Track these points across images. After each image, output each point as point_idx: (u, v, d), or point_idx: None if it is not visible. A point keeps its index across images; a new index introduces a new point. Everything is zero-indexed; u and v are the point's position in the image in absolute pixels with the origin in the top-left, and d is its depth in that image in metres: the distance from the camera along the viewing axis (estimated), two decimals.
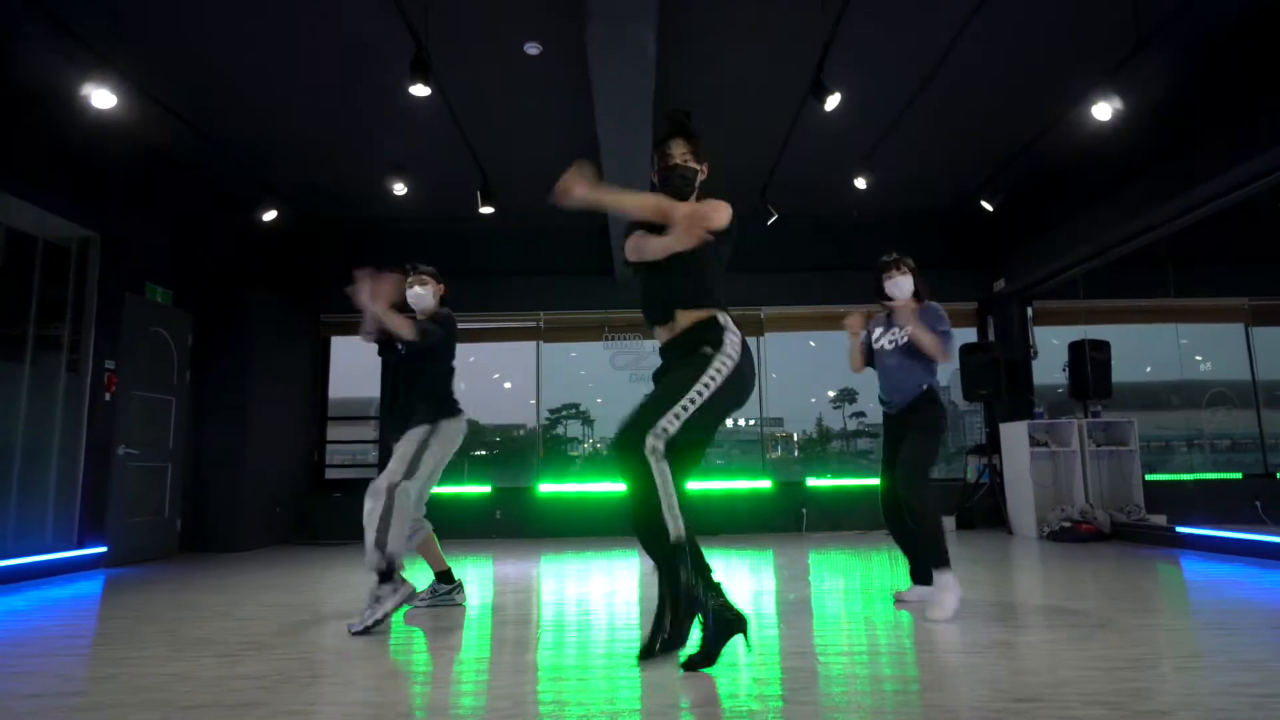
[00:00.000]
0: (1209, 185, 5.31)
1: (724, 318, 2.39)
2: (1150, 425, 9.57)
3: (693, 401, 2.21)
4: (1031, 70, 5.39)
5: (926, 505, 3.36)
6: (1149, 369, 10.63)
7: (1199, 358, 9.59)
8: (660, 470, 2.12)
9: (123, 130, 5.55)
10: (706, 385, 2.23)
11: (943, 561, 3.28)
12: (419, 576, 3.88)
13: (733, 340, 2.35)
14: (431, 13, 4.56)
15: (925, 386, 3.54)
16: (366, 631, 3.06)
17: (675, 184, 2.52)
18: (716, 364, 2.27)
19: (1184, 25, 4.61)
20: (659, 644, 2.10)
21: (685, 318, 2.38)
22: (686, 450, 2.30)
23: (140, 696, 2.22)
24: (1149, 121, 5.66)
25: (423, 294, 3.79)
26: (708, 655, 2.23)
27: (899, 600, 3.61)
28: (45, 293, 5.45)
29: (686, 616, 2.12)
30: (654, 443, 2.13)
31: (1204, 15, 4.62)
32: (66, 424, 5.55)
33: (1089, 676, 2.25)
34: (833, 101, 4.69)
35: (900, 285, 3.68)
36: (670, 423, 2.17)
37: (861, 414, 11.25)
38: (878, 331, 3.78)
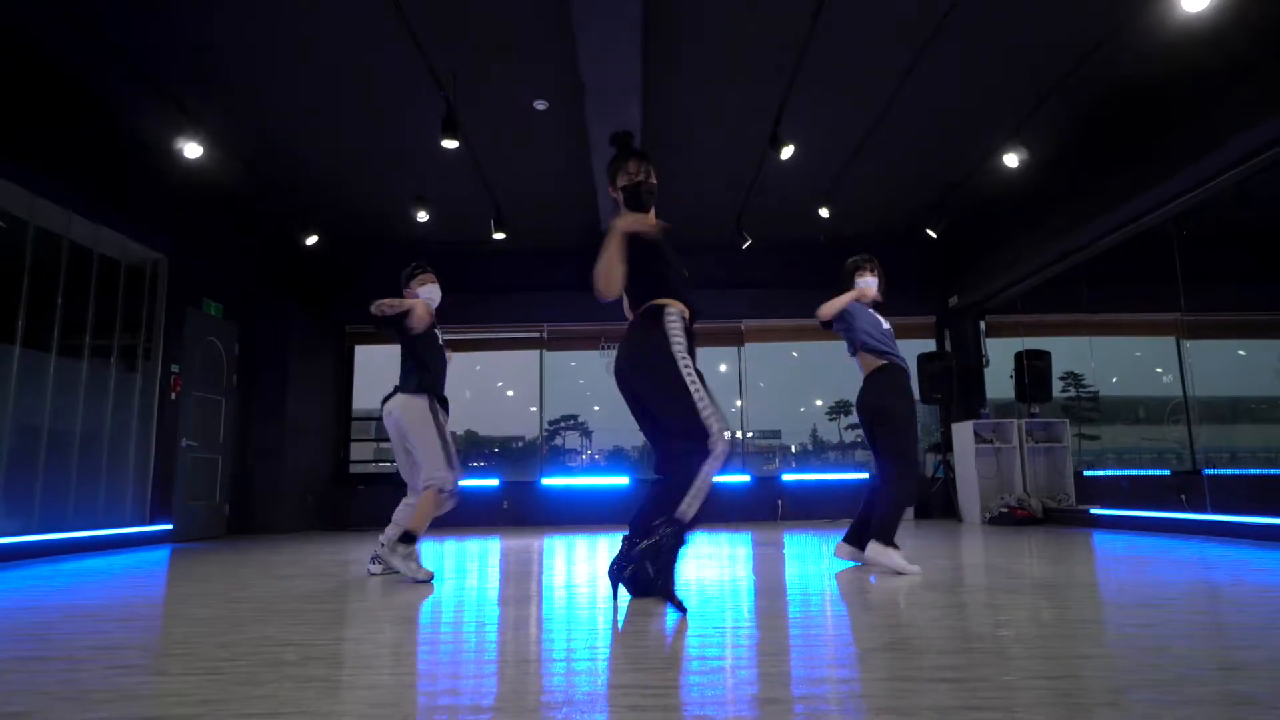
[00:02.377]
0: (1112, 216, 6.31)
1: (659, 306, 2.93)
2: (1132, 437, 10.52)
3: (691, 383, 2.77)
4: (956, 122, 6.40)
5: (911, 480, 3.81)
6: (1115, 379, 11.57)
7: (1159, 369, 10.52)
8: (716, 463, 2.74)
9: (193, 169, 6.54)
10: (682, 364, 2.80)
11: (889, 538, 3.64)
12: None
13: (670, 319, 2.86)
14: (458, 76, 5.56)
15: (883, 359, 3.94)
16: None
17: (644, 198, 2.95)
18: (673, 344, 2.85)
19: (1075, 86, 5.61)
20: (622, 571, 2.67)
21: None
22: None
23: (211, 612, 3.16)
24: (1057, 162, 6.68)
25: (433, 291, 4.06)
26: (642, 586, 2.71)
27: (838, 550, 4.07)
28: (126, 308, 6.41)
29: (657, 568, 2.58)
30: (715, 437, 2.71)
31: (1092, 76, 5.61)
32: (142, 419, 6.51)
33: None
34: (787, 152, 5.68)
35: (870, 283, 4.10)
36: (702, 412, 2.75)
37: (857, 425, 12.03)
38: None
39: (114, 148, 6.13)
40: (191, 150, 5.39)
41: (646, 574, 2.61)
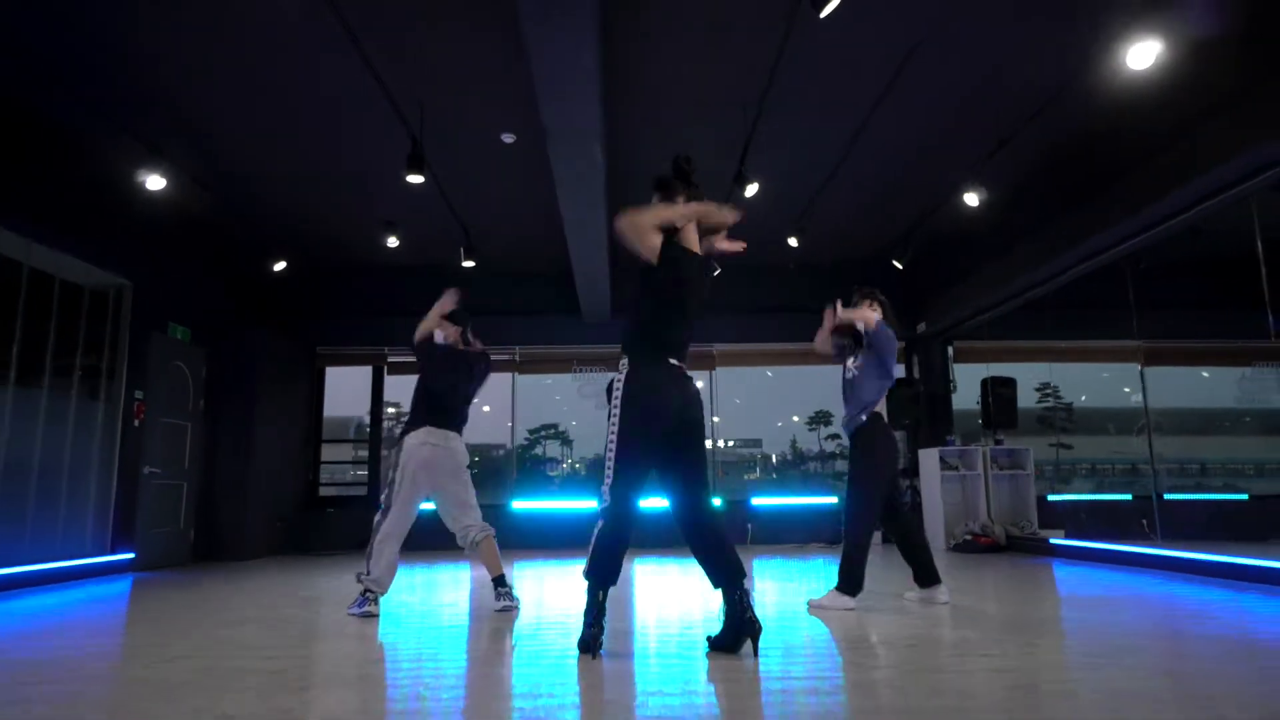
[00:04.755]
0: (1067, 255, 6.45)
1: (625, 362, 2.94)
2: (1104, 450, 10.71)
3: (609, 449, 2.86)
4: (918, 161, 6.54)
5: (851, 527, 3.94)
6: (1084, 397, 11.78)
7: (1127, 389, 10.73)
8: (596, 529, 2.84)
9: (157, 196, 6.50)
10: (610, 430, 2.91)
11: (840, 584, 3.89)
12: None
13: (619, 380, 2.90)
14: (424, 108, 5.59)
15: (864, 417, 3.99)
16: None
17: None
18: (612, 408, 2.88)
19: (1030, 132, 5.73)
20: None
21: None
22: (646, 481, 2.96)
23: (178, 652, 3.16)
24: (1017, 201, 6.82)
25: (439, 335, 4.27)
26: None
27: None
28: (89, 333, 6.36)
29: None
30: (599, 511, 2.85)
31: (1047, 124, 5.74)
32: (103, 445, 6.45)
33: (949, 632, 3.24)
34: (752, 189, 5.75)
35: (868, 319, 4.11)
36: (606, 480, 2.85)
37: (837, 436, 12.11)
38: (849, 361, 4.23)
39: (74, 177, 6.09)
40: (154, 182, 5.39)
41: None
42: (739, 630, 2.81)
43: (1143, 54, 4.16)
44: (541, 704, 2.22)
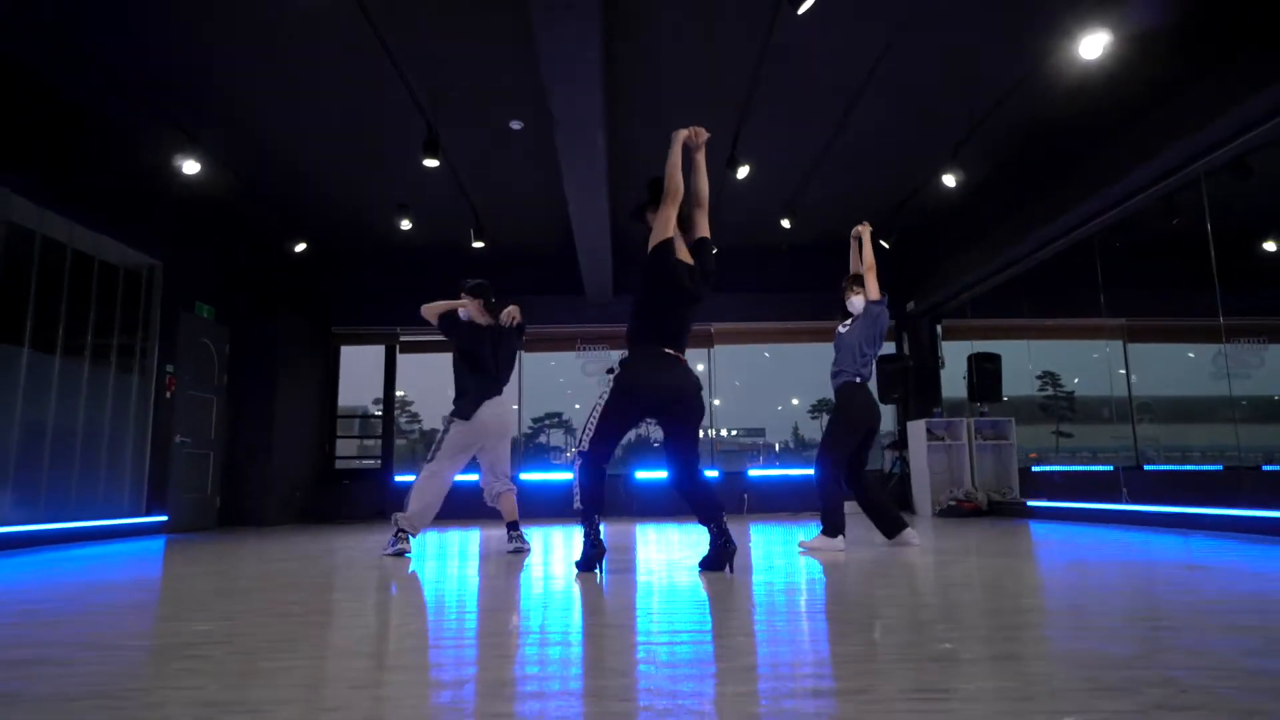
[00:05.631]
0: (1041, 232, 6.84)
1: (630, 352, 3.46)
2: (1104, 436, 11.07)
3: (594, 415, 3.41)
4: (899, 146, 6.93)
5: (822, 479, 4.45)
6: (1077, 380, 12.14)
7: (1122, 371, 11.08)
8: (576, 466, 3.42)
9: (189, 180, 6.92)
10: (599, 402, 3.41)
11: (823, 529, 4.41)
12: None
13: (618, 367, 3.43)
14: (438, 96, 5.99)
15: (841, 382, 4.50)
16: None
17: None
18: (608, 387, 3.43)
19: (999, 118, 6.12)
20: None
21: None
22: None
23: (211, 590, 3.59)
24: (993, 182, 7.22)
25: (463, 312, 4.70)
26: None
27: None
28: (124, 311, 6.79)
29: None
30: (575, 451, 3.46)
31: (1013, 110, 6.12)
32: (138, 416, 6.89)
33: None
34: (743, 172, 6.15)
35: (854, 304, 4.67)
36: (586, 434, 3.39)
37: None
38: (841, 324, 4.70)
39: (114, 163, 6.52)
40: (190, 167, 5.80)
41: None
42: (720, 553, 3.30)
43: (1093, 45, 4.54)
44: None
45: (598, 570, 3.36)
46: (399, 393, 10.95)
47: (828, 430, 4.56)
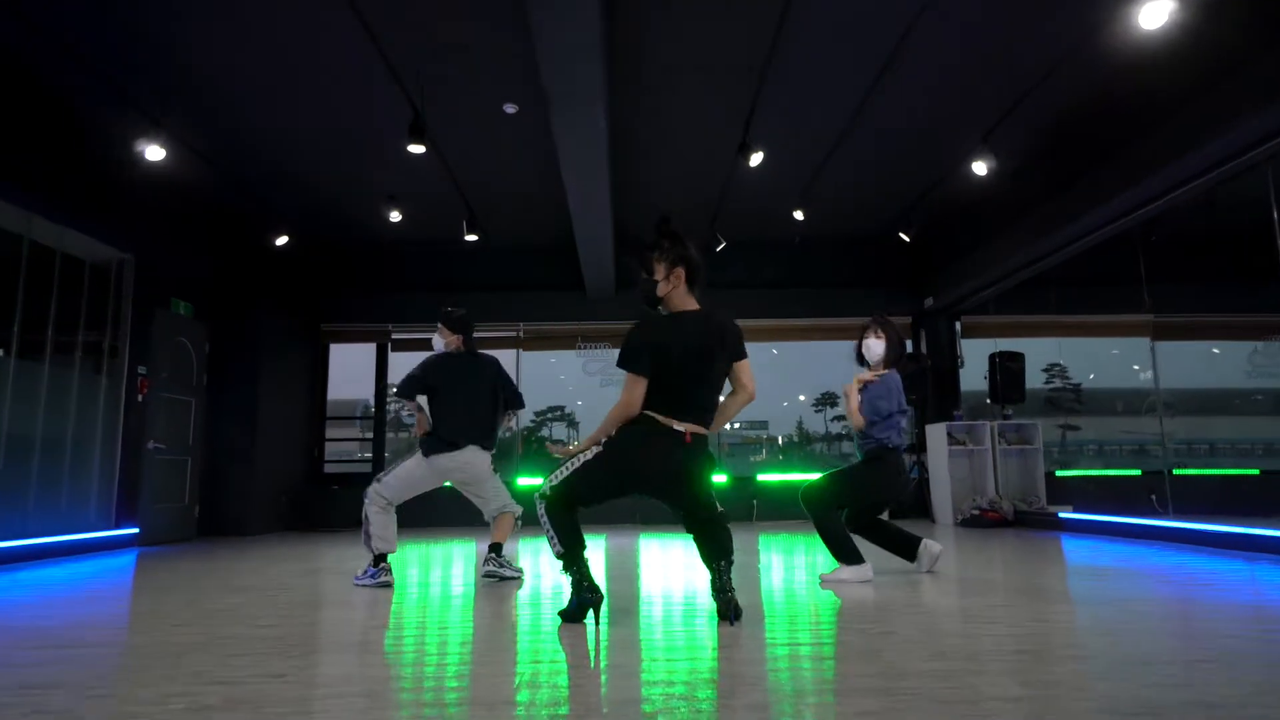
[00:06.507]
0: (1078, 224, 6.34)
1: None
2: (1111, 430, 10.64)
3: (575, 463, 2.88)
4: (927, 129, 6.40)
5: (817, 516, 3.93)
6: (1092, 375, 11.69)
7: (1136, 366, 10.63)
8: (540, 512, 2.87)
9: (159, 169, 6.43)
10: (586, 455, 2.89)
11: (839, 559, 3.93)
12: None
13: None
14: (424, 78, 5.50)
15: (871, 444, 3.97)
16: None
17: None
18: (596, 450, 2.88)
19: (1041, 97, 5.62)
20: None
21: None
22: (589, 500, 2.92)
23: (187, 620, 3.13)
24: (1027, 169, 6.71)
25: (438, 343, 4.29)
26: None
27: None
28: (91, 307, 6.32)
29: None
30: (537, 496, 2.90)
31: (1057, 88, 5.62)
32: (107, 420, 6.44)
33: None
34: (756, 159, 5.65)
35: (872, 348, 4.06)
36: (556, 478, 2.88)
37: (843, 417, 12.03)
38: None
39: (76, 149, 6.04)
40: (153, 153, 5.32)
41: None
42: (724, 606, 2.83)
43: (1155, 13, 4.04)
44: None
45: (593, 616, 2.88)
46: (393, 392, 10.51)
47: (853, 480, 4.02)
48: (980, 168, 5.78)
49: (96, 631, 2.83)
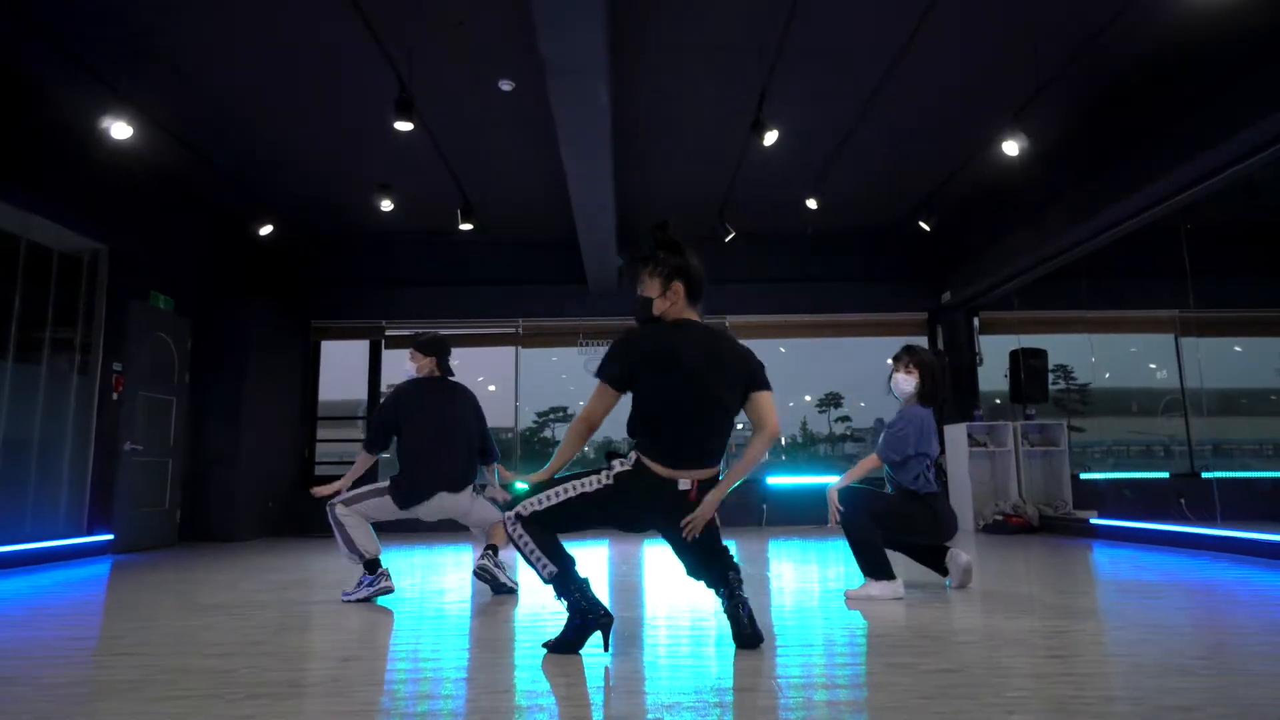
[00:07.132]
0: (1114, 210, 5.93)
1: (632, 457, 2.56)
2: (1119, 430, 10.26)
3: (565, 491, 2.52)
4: (951, 107, 5.99)
5: (848, 516, 3.54)
6: (1108, 375, 11.30)
7: (1153, 365, 10.22)
8: (519, 533, 2.50)
9: (131, 152, 6.06)
10: (580, 483, 2.53)
11: (868, 573, 3.56)
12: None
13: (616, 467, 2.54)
14: (414, 54, 5.12)
15: (902, 484, 3.70)
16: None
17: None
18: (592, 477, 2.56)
19: (1077, 71, 5.22)
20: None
21: None
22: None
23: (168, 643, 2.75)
24: (1056, 155, 6.30)
25: (409, 368, 3.91)
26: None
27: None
28: (60, 300, 5.95)
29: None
30: (511, 516, 2.51)
31: (1095, 61, 5.23)
32: (78, 421, 6.06)
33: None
34: (771, 137, 5.26)
35: (900, 384, 3.82)
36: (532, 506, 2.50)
37: (847, 418, 11.59)
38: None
39: (43, 130, 5.65)
40: (119, 130, 4.93)
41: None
42: (740, 632, 2.54)
43: None
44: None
45: (601, 640, 2.50)
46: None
47: (896, 509, 3.67)
48: (1011, 147, 5.38)
49: (14, 663, 2.45)
